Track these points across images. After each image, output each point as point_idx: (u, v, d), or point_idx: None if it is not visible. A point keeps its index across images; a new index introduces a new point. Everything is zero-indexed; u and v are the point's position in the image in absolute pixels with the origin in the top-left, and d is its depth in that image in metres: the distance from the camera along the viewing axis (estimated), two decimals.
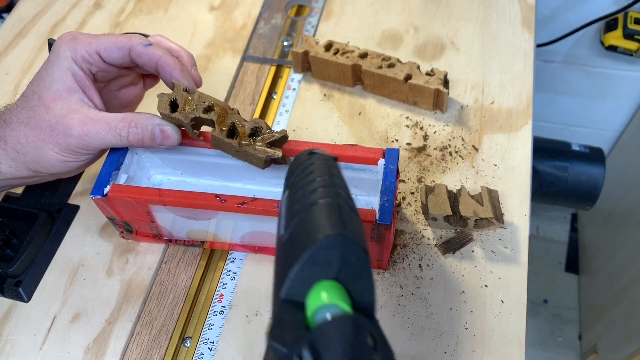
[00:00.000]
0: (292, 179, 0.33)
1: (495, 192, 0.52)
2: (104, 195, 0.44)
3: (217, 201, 0.43)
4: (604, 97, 1.17)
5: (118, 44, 0.44)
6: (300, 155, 0.35)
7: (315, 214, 0.28)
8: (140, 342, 0.47)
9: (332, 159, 0.34)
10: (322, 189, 0.30)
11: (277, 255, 0.30)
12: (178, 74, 0.44)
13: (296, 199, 0.30)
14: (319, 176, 0.31)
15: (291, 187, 0.32)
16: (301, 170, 0.33)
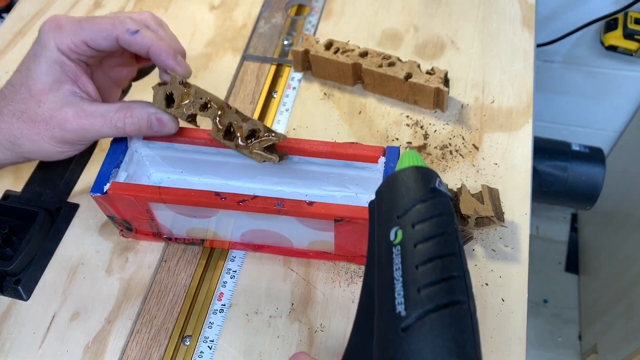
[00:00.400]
0: (411, 216, 0.28)
1: (496, 191, 0.52)
2: (103, 193, 0.44)
3: (217, 199, 0.43)
4: (604, 97, 1.17)
5: (103, 33, 0.41)
6: (419, 181, 0.30)
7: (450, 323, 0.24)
8: (139, 341, 0.47)
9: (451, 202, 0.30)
10: (457, 282, 0.26)
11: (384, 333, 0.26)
12: (172, 61, 0.42)
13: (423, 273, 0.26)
14: (452, 248, 0.27)
15: (407, 236, 0.27)
16: (422, 211, 0.28)
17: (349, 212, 0.42)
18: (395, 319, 0.25)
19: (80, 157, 0.58)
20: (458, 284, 0.26)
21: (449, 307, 0.25)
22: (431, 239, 0.27)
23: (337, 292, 0.49)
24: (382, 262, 0.28)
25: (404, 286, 0.26)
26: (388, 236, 0.28)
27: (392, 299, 0.26)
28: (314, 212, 0.42)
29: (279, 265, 0.50)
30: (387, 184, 0.31)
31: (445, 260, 0.26)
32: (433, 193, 0.29)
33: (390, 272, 0.27)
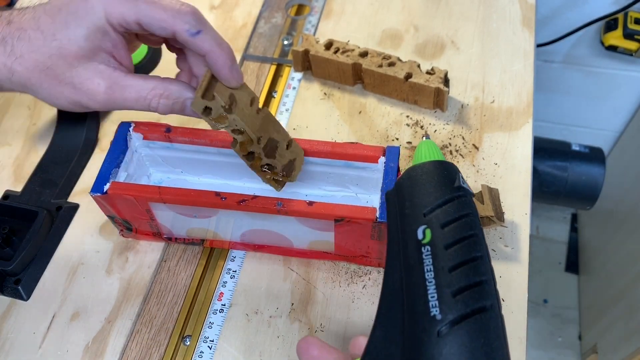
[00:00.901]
0: (439, 216, 0.28)
1: (496, 191, 0.52)
2: (103, 192, 0.44)
3: (217, 199, 0.43)
4: (604, 97, 1.17)
5: (162, 24, 0.37)
6: (444, 177, 0.30)
7: (484, 328, 0.25)
8: (139, 341, 0.47)
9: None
10: (488, 286, 0.26)
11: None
12: (227, 71, 0.39)
13: (453, 280, 0.26)
14: (482, 251, 0.27)
15: (437, 236, 0.28)
16: (450, 212, 0.28)
17: (349, 212, 0.42)
18: (431, 321, 0.26)
19: (80, 157, 0.58)
20: (489, 287, 0.26)
21: (482, 312, 0.25)
22: (461, 241, 0.27)
23: (337, 292, 0.49)
24: (411, 261, 0.28)
25: (438, 289, 0.26)
26: (415, 234, 0.29)
27: (425, 301, 0.26)
28: (314, 212, 0.42)
29: (279, 265, 0.50)
30: (409, 177, 0.31)
31: (476, 264, 0.27)
32: (459, 191, 0.29)
33: (421, 272, 0.27)
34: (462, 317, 0.25)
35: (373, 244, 0.45)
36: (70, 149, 0.59)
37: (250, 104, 0.41)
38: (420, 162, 0.32)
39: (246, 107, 0.41)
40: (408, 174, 0.32)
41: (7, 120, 0.63)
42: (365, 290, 0.49)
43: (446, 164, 0.31)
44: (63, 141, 0.59)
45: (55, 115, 0.60)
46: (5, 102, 0.65)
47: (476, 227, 0.28)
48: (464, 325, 0.25)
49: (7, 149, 0.61)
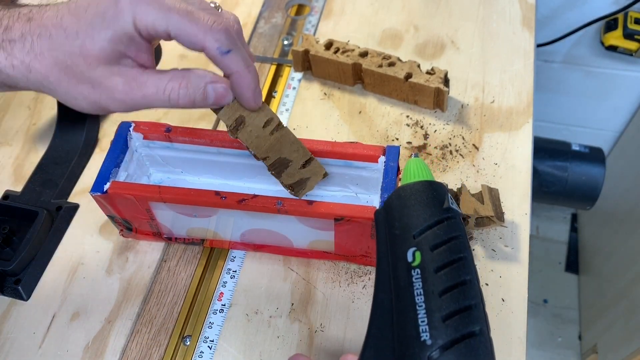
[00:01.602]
0: (429, 238, 0.28)
1: (496, 191, 0.52)
2: (104, 192, 0.44)
3: (217, 198, 0.43)
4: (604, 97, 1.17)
5: (191, 38, 0.36)
6: (433, 198, 0.30)
7: (474, 353, 0.25)
8: (139, 341, 0.47)
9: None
10: (477, 311, 0.26)
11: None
12: (250, 95, 0.39)
13: (443, 304, 0.26)
14: (471, 274, 0.27)
15: (427, 259, 0.28)
16: (440, 234, 0.28)
17: (349, 211, 0.42)
18: (421, 346, 0.26)
19: (80, 157, 0.58)
20: (478, 312, 0.27)
21: (472, 336, 0.26)
22: (451, 264, 0.28)
23: (337, 292, 0.49)
24: (401, 284, 0.28)
25: (428, 313, 0.26)
26: (405, 256, 0.29)
27: (415, 325, 0.26)
28: (314, 211, 0.42)
29: (279, 265, 0.50)
30: (398, 197, 0.31)
31: (466, 287, 0.27)
32: (449, 212, 0.29)
33: (411, 296, 0.27)
34: (452, 342, 0.25)
35: (373, 244, 0.45)
36: (70, 149, 0.59)
37: (265, 125, 0.41)
38: (409, 181, 0.32)
39: (256, 129, 0.41)
40: (397, 193, 0.31)
41: (7, 120, 0.63)
42: (365, 290, 0.49)
43: (436, 184, 0.31)
44: (63, 141, 0.59)
45: (55, 115, 0.60)
46: (5, 102, 0.65)
47: (465, 249, 0.29)
48: (454, 350, 0.25)
49: (7, 149, 0.61)
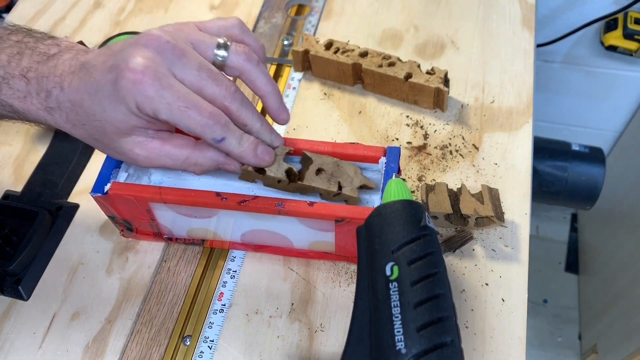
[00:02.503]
0: (406, 253, 0.30)
1: (496, 191, 0.52)
2: (104, 193, 0.44)
3: (217, 199, 0.43)
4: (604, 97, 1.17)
5: (190, 129, 0.38)
6: (411, 216, 0.32)
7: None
8: (139, 341, 0.47)
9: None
10: (450, 322, 0.28)
11: None
12: (251, 163, 0.43)
13: (419, 314, 0.28)
14: (444, 288, 0.29)
15: (404, 273, 0.29)
16: (417, 250, 0.30)
17: (350, 212, 0.42)
18: (396, 355, 0.27)
19: (80, 157, 0.58)
20: (450, 323, 0.28)
21: (444, 347, 0.27)
22: (426, 278, 0.29)
23: (337, 292, 0.49)
24: (379, 296, 0.30)
25: (403, 324, 0.28)
26: (384, 270, 0.30)
27: (391, 335, 0.28)
28: (315, 212, 0.42)
29: (279, 265, 0.50)
30: (378, 214, 0.33)
31: (439, 300, 0.29)
32: (425, 230, 0.31)
33: (388, 308, 0.29)
34: (425, 352, 0.27)
35: None
36: (70, 149, 0.59)
37: (286, 176, 0.44)
38: (389, 200, 0.34)
39: (274, 183, 0.45)
40: (378, 211, 0.33)
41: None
42: None
43: (414, 203, 0.33)
44: (63, 141, 0.59)
45: None
46: None
47: (440, 265, 0.30)
48: (426, 359, 0.27)
49: (7, 149, 0.61)
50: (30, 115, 0.41)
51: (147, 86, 0.36)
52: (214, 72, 0.39)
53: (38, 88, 0.40)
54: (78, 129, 0.41)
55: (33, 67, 0.40)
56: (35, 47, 0.41)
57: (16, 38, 0.41)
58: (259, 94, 0.42)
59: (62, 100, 0.40)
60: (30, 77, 0.40)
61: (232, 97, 0.40)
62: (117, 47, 0.39)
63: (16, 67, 0.40)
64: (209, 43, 0.40)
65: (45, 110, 0.40)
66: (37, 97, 0.40)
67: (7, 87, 0.40)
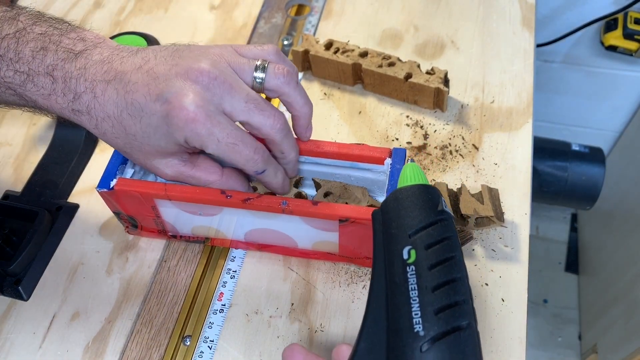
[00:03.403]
0: (423, 238, 0.30)
1: (496, 191, 0.52)
2: (110, 188, 0.44)
3: (222, 197, 0.43)
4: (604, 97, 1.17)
5: (234, 163, 0.40)
6: (428, 200, 0.32)
7: (462, 346, 0.27)
8: (139, 341, 0.47)
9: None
10: (467, 306, 0.28)
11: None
12: (277, 189, 0.45)
13: (439, 295, 0.28)
14: (461, 272, 0.29)
15: (421, 257, 0.30)
16: (434, 234, 0.30)
17: (354, 212, 0.42)
18: (414, 337, 0.28)
19: (80, 157, 0.58)
20: (467, 307, 0.29)
21: (461, 329, 0.27)
22: (444, 262, 0.29)
23: (337, 292, 0.49)
24: (396, 279, 0.30)
25: (421, 307, 0.28)
26: (401, 254, 0.30)
27: (409, 317, 0.28)
28: (319, 211, 0.42)
29: (279, 265, 0.50)
30: (395, 199, 0.33)
31: (457, 284, 0.29)
32: (442, 215, 0.31)
33: (406, 291, 0.29)
34: (443, 334, 0.27)
35: None
36: (70, 149, 0.59)
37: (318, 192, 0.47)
38: (405, 184, 0.34)
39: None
40: (395, 195, 0.33)
41: (7, 120, 0.63)
42: (365, 290, 0.49)
43: (431, 188, 0.33)
44: (63, 141, 0.59)
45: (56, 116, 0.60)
46: None
47: (457, 249, 0.31)
48: (444, 341, 0.27)
49: (7, 149, 0.61)
50: (53, 112, 0.41)
51: (199, 125, 0.37)
52: (261, 102, 0.40)
53: (65, 88, 0.39)
54: (107, 138, 0.41)
55: (59, 65, 0.39)
56: (60, 41, 0.40)
57: (40, 30, 0.40)
58: (294, 114, 0.44)
59: (95, 108, 0.39)
60: (56, 76, 0.39)
61: (280, 128, 0.41)
62: (161, 72, 0.38)
63: (40, 64, 0.39)
64: (247, 68, 0.41)
65: (71, 111, 0.40)
66: (63, 97, 0.39)
67: (32, 84, 0.40)
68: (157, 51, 0.40)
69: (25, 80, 0.40)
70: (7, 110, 0.64)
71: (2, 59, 0.39)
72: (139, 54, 0.40)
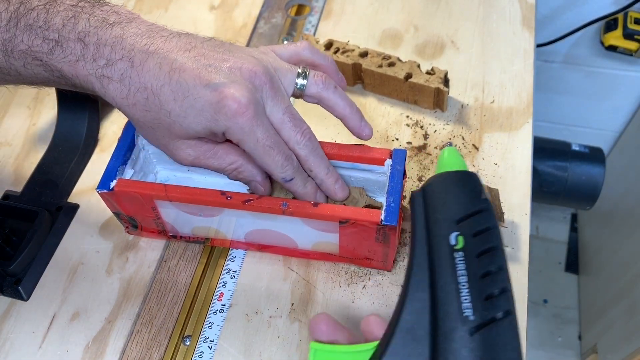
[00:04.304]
0: (470, 225, 0.31)
1: (496, 191, 0.52)
2: (110, 189, 0.44)
3: (222, 198, 0.43)
4: (604, 97, 1.17)
5: (264, 167, 0.41)
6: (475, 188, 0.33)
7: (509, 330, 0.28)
8: (139, 341, 0.47)
9: None
10: (510, 294, 0.29)
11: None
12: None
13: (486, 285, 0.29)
14: (504, 261, 0.30)
15: (469, 244, 0.31)
16: (480, 223, 0.31)
17: (354, 214, 0.42)
18: (464, 321, 0.29)
19: (80, 157, 0.58)
20: (511, 295, 0.30)
21: (507, 317, 0.29)
22: (490, 251, 0.30)
23: (337, 292, 0.49)
24: (442, 263, 0.31)
25: (471, 293, 0.29)
26: (447, 239, 0.31)
27: (459, 302, 0.29)
28: (319, 213, 0.42)
29: (279, 265, 0.50)
30: (438, 183, 0.34)
31: (503, 273, 0.30)
32: (485, 203, 0.32)
33: (454, 276, 0.30)
34: (491, 320, 0.28)
35: (377, 247, 0.45)
36: (70, 149, 0.59)
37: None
38: (446, 169, 0.35)
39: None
40: (438, 179, 0.34)
41: (7, 120, 0.63)
42: (365, 290, 0.49)
43: (473, 175, 0.34)
44: (63, 141, 0.59)
45: (55, 116, 0.60)
46: (5, 102, 0.65)
47: (499, 239, 0.31)
48: (492, 326, 0.28)
49: (7, 149, 0.61)
50: (77, 80, 0.40)
51: (246, 120, 0.38)
52: (296, 116, 0.41)
53: (96, 54, 0.38)
54: (136, 109, 0.39)
55: (92, 32, 0.38)
56: (92, 12, 0.39)
57: (71, 2, 0.40)
58: (339, 117, 0.45)
59: (131, 78, 0.38)
60: (88, 42, 0.38)
61: (305, 144, 0.42)
62: (212, 60, 0.39)
63: (72, 31, 0.38)
64: (290, 75, 0.42)
65: (98, 78, 0.39)
66: (93, 63, 0.38)
67: (60, 50, 0.38)
68: (200, 39, 0.40)
69: (54, 47, 0.39)
70: (7, 111, 0.64)
71: (31, 28, 0.39)
72: (182, 37, 0.40)
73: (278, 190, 0.47)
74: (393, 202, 0.42)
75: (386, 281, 0.49)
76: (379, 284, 0.49)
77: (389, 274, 0.49)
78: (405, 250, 0.51)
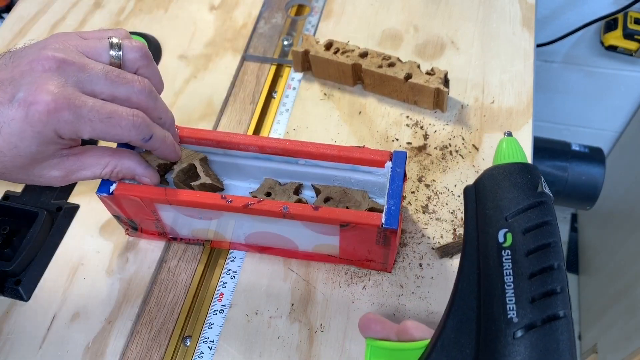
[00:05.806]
0: (521, 221, 0.29)
1: None
2: (110, 193, 0.44)
3: (223, 201, 0.43)
4: (604, 97, 1.17)
5: (117, 138, 0.38)
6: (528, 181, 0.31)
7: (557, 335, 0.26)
8: (140, 341, 0.47)
9: None
10: (563, 295, 0.27)
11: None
12: (172, 157, 0.44)
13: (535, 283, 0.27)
14: (559, 259, 0.28)
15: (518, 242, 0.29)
16: (533, 218, 0.29)
17: (355, 217, 0.42)
18: (507, 323, 0.27)
19: None
20: (564, 296, 0.27)
21: (557, 319, 0.27)
22: (541, 248, 0.28)
23: (337, 293, 0.49)
24: (490, 262, 0.29)
25: (516, 294, 0.27)
26: (496, 236, 0.29)
27: (503, 303, 0.28)
28: (319, 216, 0.42)
29: (279, 266, 0.50)
30: (491, 176, 0.32)
31: (555, 272, 0.28)
32: (542, 197, 0.30)
33: (501, 276, 0.28)
34: (537, 323, 0.27)
35: (378, 249, 0.45)
36: None
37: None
38: (502, 161, 0.32)
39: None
40: (490, 172, 0.32)
41: None
42: (365, 291, 0.49)
43: (531, 167, 0.32)
44: None
45: None
46: None
47: (556, 234, 0.29)
48: (539, 330, 0.26)
49: None
50: None
51: (63, 111, 0.35)
52: (122, 72, 0.38)
53: None
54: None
55: None
56: None
57: None
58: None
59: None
60: None
61: (149, 91, 0.39)
62: (4, 77, 0.36)
63: None
64: (100, 46, 0.39)
65: None
66: None
67: None
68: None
69: None
70: None
71: None
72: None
73: (279, 194, 0.47)
74: (394, 205, 0.42)
75: (386, 281, 0.49)
76: (379, 284, 0.49)
77: (388, 274, 0.49)
78: (405, 251, 0.51)
